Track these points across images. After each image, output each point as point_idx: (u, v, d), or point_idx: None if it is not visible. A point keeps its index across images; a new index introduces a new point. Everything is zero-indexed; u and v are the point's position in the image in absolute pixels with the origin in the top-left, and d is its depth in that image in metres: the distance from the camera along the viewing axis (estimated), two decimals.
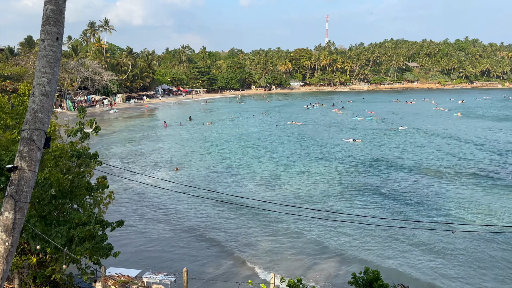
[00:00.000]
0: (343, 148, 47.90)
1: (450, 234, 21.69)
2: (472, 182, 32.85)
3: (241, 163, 40.42)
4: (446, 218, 25.15)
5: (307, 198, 29.35)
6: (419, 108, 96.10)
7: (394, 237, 22.39)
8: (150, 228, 24.49)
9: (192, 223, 25.10)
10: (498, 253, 20.48)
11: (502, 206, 27.11)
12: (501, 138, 53.73)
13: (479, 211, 26.26)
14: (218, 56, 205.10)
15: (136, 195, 30.72)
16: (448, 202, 28.11)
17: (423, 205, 27.65)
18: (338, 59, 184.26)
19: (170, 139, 55.43)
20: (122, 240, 21.55)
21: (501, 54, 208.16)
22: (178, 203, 28.79)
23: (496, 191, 30.43)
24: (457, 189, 30.92)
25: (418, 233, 22.71)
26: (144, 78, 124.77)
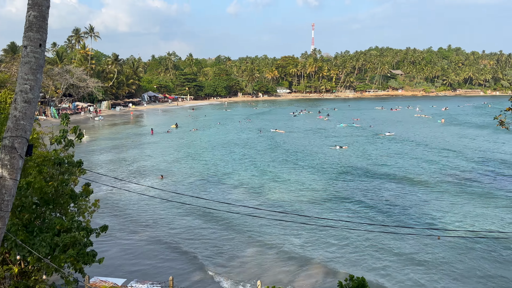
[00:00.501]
0: (329, 156, 48.14)
1: (436, 240, 21.88)
2: (457, 189, 33.27)
3: (226, 171, 40.30)
4: (432, 224, 25.37)
5: (292, 206, 29.36)
6: (404, 115, 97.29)
7: (380, 244, 22.49)
8: (134, 236, 24.21)
9: (177, 231, 24.89)
10: (482, 258, 20.72)
11: (484, 212, 27.48)
12: (483, 145, 54.66)
13: (463, 217, 26.58)
14: (205, 63, 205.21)
15: (120, 202, 30.39)
16: (433, 208, 28.40)
17: (409, 211, 27.89)
18: (324, 66, 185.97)
19: (156, 147, 55.07)
20: (106, 249, 21.26)
21: (483, 62, 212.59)
22: (162, 211, 28.56)
23: (478, 197, 30.85)
24: (442, 196, 31.29)
25: (404, 239, 22.87)
26: (130, 85, 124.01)
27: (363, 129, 72.66)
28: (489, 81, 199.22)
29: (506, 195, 31.20)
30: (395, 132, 65.35)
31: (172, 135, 65.57)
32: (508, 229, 23.95)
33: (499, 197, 30.57)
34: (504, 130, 63.97)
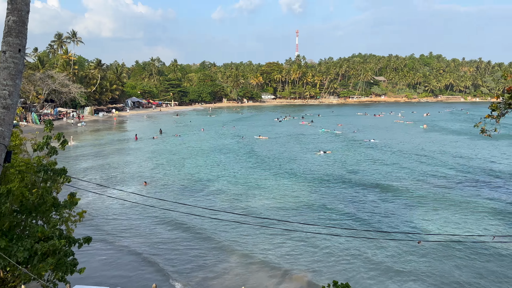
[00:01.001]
0: (313, 161, 48.36)
1: (417, 245, 22.14)
2: (437, 195, 33.73)
3: (209, 178, 40.10)
4: (413, 229, 25.66)
5: (276, 213, 29.36)
6: (387, 121, 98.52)
7: (362, 250, 22.65)
8: (117, 244, 23.89)
9: (159, 239, 24.64)
10: (461, 262, 21.03)
11: (464, 217, 27.91)
12: (462, 152, 55.63)
13: (443, 222, 26.95)
14: (189, 69, 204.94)
15: (103, 209, 29.99)
16: (415, 214, 28.74)
17: (391, 217, 28.16)
18: (308, 73, 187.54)
19: (140, 153, 54.57)
20: (87, 258, 20.95)
21: (463, 69, 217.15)
22: (145, 217, 28.28)
23: (459, 202, 31.34)
24: (423, 201, 31.67)
25: (386, 244, 23.08)
26: (114, 91, 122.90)
27: (346, 134, 73.21)
28: (469, 87, 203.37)
29: (484, 200, 31.76)
30: (379, 138, 66.02)
31: (157, 141, 65.11)
32: (485, 233, 24.34)
33: (478, 203, 31.10)
34: (481, 137, 65.38)
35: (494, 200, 31.36)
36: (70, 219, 12.65)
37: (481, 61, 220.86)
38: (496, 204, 30.39)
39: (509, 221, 26.91)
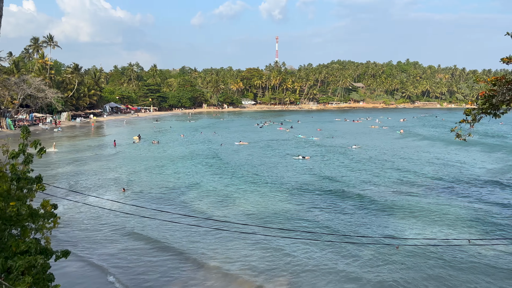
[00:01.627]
0: (291, 166, 48.59)
1: (395, 250, 22.41)
2: (415, 199, 34.28)
3: (188, 184, 39.82)
4: (391, 234, 26.00)
5: (255, 218, 29.35)
6: (365, 127, 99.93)
7: (341, 255, 22.81)
8: (93, 252, 23.44)
9: (138, 246, 24.29)
10: (440, 265, 21.38)
11: (441, 221, 28.44)
12: (438, 156, 56.78)
13: (421, 226, 27.40)
14: (169, 74, 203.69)
15: (79, 217, 29.41)
16: (392, 218, 29.12)
17: (370, 221, 28.45)
18: (288, 79, 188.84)
19: (118, 159, 53.83)
20: (63, 268, 20.49)
21: (439, 76, 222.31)
22: (124, 224, 27.84)
23: (435, 207, 31.91)
24: (401, 206, 32.11)
25: (364, 249, 23.30)
26: (91, 96, 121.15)
27: (324, 140, 73.79)
28: (445, 94, 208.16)
29: (459, 205, 32.45)
30: (357, 145, 66.71)
31: (135, 147, 64.37)
32: (461, 237, 24.82)
33: (453, 208, 31.76)
34: (454, 143, 66.80)
35: (468, 205, 32.07)
36: (45, 226, 12.32)
37: (456, 68, 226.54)
38: (470, 209, 31.08)
39: (482, 225, 27.55)
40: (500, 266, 21.15)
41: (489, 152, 58.54)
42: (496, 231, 26.24)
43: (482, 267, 21.05)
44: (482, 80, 12.92)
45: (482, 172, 44.58)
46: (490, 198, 34.01)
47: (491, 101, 13.04)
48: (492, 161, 51.60)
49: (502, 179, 40.93)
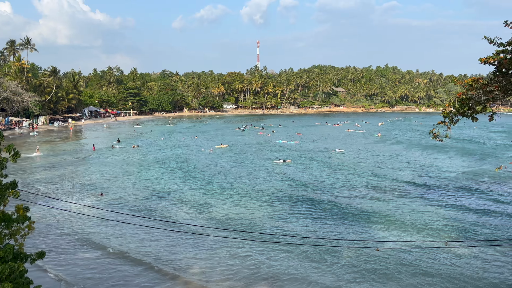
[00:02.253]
0: (273, 170, 48.62)
1: (375, 252, 22.59)
2: (393, 202, 34.76)
3: (168, 189, 39.42)
4: (371, 236, 26.20)
5: (236, 222, 29.23)
6: (343, 130, 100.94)
7: (322, 257, 22.92)
8: (72, 258, 22.91)
9: (117, 251, 23.84)
10: (418, 267, 21.66)
11: (419, 223, 28.85)
12: (416, 159, 57.74)
13: (400, 229, 27.74)
14: (149, 77, 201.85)
15: (56, 223, 28.74)
16: (373, 221, 29.39)
17: (350, 224, 28.65)
18: (269, 83, 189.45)
19: (97, 163, 52.92)
20: (40, 274, 19.97)
21: (417, 80, 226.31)
22: (102, 229, 27.32)
23: (413, 210, 32.38)
24: (380, 209, 32.47)
25: (345, 251, 23.42)
26: (70, 100, 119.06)
27: (305, 144, 74.08)
28: (423, 98, 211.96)
29: (437, 208, 33.10)
30: (341, 148, 67.16)
31: (115, 151, 63.45)
32: (439, 240, 25.18)
33: (431, 210, 32.34)
34: (431, 146, 67.94)
35: (445, 208, 32.68)
36: (19, 231, 11.96)
37: (434, 73, 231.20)
38: (447, 211, 31.67)
39: (459, 227, 28.12)
40: (475, 268, 21.58)
41: (464, 157, 59.69)
42: (471, 233, 26.77)
43: (459, 269, 21.40)
44: (460, 81, 13.14)
45: (457, 176, 45.42)
46: (465, 201, 34.70)
47: (468, 103, 13.25)
48: (467, 165, 52.65)
49: (477, 183, 41.82)
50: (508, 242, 24.74)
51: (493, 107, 14.37)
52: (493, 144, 74.87)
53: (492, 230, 27.29)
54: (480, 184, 41.31)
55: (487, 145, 72.42)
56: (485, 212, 31.22)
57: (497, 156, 59.19)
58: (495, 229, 27.58)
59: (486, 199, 35.30)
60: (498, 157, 58.64)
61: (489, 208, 32.46)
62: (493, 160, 55.49)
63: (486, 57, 11.33)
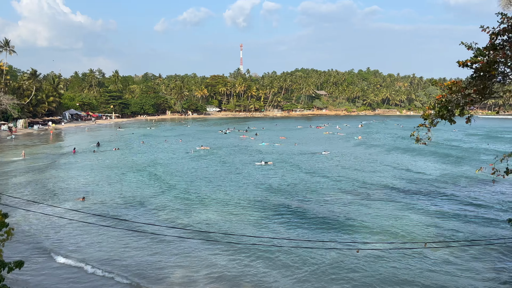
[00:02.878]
0: (254, 172, 48.67)
1: (356, 253, 22.84)
2: (373, 203, 35.15)
3: (150, 192, 39.05)
4: (352, 238, 26.45)
5: (219, 225, 29.17)
6: (321, 133, 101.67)
7: (304, 258, 23.03)
8: (51, 265, 22.46)
9: (95, 257, 23.46)
10: (398, 268, 21.97)
11: (398, 224, 29.23)
12: (395, 161, 58.54)
13: (380, 230, 28.07)
14: (132, 80, 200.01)
15: (35, 228, 28.14)
16: (352, 222, 29.68)
17: (331, 226, 28.88)
18: (253, 86, 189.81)
19: (78, 167, 52.11)
20: (18, 282, 19.50)
21: (398, 84, 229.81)
22: (83, 234, 26.87)
23: (393, 211, 32.83)
24: (360, 210, 32.82)
25: (327, 253, 23.59)
26: (50, 103, 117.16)
27: (287, 146, 74.27)
28: (404, 101, 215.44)
29: (416, 209, 33.64)
30: (318, 150, 67.58)
31: (96, 155, 62.61)
32: (418, 241, 25.53)
33: (410, 212, 32.85)
34: (410, 148, 68.80)
35: (424, 210, 33.22)
36: None
37: (414, 77, 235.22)
38: (426, 213, 32.19)
39: (436, 228, 28.62)
40: (453, 268, 22.03)
41: (442, 159, 60.55)
42: (450, 234, 27.26)
43: (437, 270, 21.76)
44: (440, 83, 13.36)
45: (436, 179, 46.13)
46: (444, 203, 35.32)
47: (447, 106, 13.45)
48: (445, 168, 53.47)
49: (455, 186, 42.58)
50: (484, 241, 25.24)
51: (471, 110, 14.62)
52: (470, 146, 76.39)
53: (469, 231, 27.85)
54: (458, 186, 42.07)
55: (465, 148, 73.78)
56: (463, 214, 31.80)
57: (474, 159, 60.30)
58: (472, 230, 28.15)
59: (464, 201, 35.95)
60: (475, 159, 59.75)
61: (467, 209, 33.07)
62: (472, 163, 56.51)
63: (464, 61, 11.55)
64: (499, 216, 30.80)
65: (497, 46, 11.58)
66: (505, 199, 36.07)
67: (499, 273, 21.46)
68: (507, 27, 10.72)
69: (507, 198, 36.33)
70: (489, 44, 11.04)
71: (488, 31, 10.99)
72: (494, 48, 10.89)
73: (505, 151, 42.48)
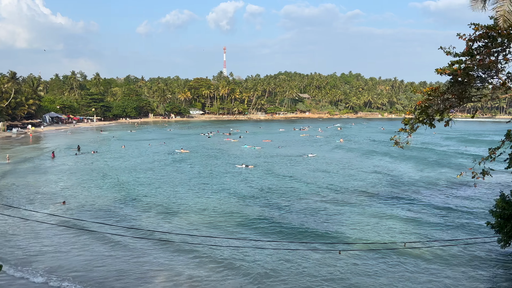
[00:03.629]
0: (235, 175, 48.62)
1: (338, 255, 23.07)
2: (354, 205, 35.50)
3: (131, 196, 38.60)
4: (334, 239, 26.68)
5: (201, 228, 29.03)
6: (307, 136, 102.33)
7: (286, 259, 23.15)
8: (31, 272, 21.99)
9: (76, 265, 23.10)
10: (378, 268, 22.27)
11: (379, 225, 29.62)
12: (376, 164, 59.25)
13: (361, 231, 28.40)
14: (114, 83, 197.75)
15: (12, 234, 27.53)
16: (334, 224, 29.94)
17: (313, 228, 29.03)
18: (236, 89, 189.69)
19: (57, 171, 51.23)
20: None
21: (380, 87, 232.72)
22: (61, 239, 26.40)
23: (373, 212, 33.22)
24: (342, 212, 33.12)
25: (309, 254, 23.75)
26: (30, 105, 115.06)
27: (270, 150, 74.36)
28: (386, 104, 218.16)
29: (395, 210, 34.16)
30: (313, 153, 67.86)
31: (76, 158, 61.66)
32: (397, 241, 25.86)
33: (389, 213, 33.33)
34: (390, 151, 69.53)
35: (403, 211, 33.73)
36: None
37: (396, 80, 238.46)
38: (405, 215, 32.71)
39: (415, 228, 29.12)
40: (431, 267, 22.42)
41: (421, 162, 61.29)
42: (429, 235, 27.76)
43: (416, 270, 22.11)
44: (419, 91, 13.65)
45: (416, 182, 46.75)
46: (423, 205, 35.82)
47: (427, 111, 13.67)
48: (424, 170, 54.21)
49: (434, 188, 43.29)
50: (463, 242, 25.74)
51: (451, 113, 14.93)
52: (448, 149, 77.77)
53: (448, 232, 28.40)
54: (437, 189, 42.77)
55: (443, 151, 74.93)
56: (442, 216, 32.37)
57: (453, 162, 61.29)
58: (451, 231, 28.71)
59: (442, 203, 36.56)
60: (454, 162, 60.74)
61: (446, 211, 33.63)
62: (450, 165, 57.48)
63: (442, 68, 11.82)
64: (477, 218, 31.45)
65: (474, 51, 11.86)
66: (483, 201, 36.81)
67: (477, 272, 21.92)
68: (482, 33, 11.00)
69: (484, 200, 37.07)
70: (466, 50, 11.32)
71: (464, 38, 11.29)
72: (470, 54, 11.17)
73: (482, 154, 43.40)
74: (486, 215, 26.97)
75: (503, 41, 11.09)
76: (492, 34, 10.65)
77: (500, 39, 10.95)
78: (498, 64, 12.40)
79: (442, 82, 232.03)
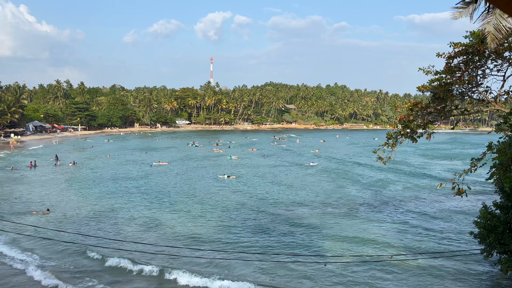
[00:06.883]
0: (217, 186, 48.49)
1: (323, 267, 23.03)
2: (338, 217, 35.60)
3: (113, 207, 38.03)
4: (319, 251, 26.66)
5: (184, 240, 28.74)
6: (290, 146, 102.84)
7: (272, 271, 23.05)
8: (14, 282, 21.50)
9: (59, 273, 22.68)
10: (365, 281, 22.24)
11: (366, 238, 29.70)
12: (360, 174, 59.46)
13: (347, 244, 28.44)
14: (100, 92, 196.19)
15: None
16: (320, 236, 29.94)
17: (298, 240, 28.97)
18: (223, 99, 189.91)
19: (36, 181, 50.38)
20: None
21: (365, 99, 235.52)
22: (42, 252, 25.91)
23: (360, 225, 33.34)
24: (327, 224, 33.16)
25: (295, 267, 23.68)
26: (12, 114, 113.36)
27: (255, 159, 74.31)
28: (371, 116, 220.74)
29: (381, 223, 34.31)
30: (314, 161, 68.03)
31: (56, 169, 60.73)
32: (384, 253, 25.98)
33: (376, 225, 33.46)
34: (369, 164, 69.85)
35: (389, 223, 33.92)
36: None
37: (381, 92, 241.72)
38: (391, 226, 32.89)
39: (402, 241, 29.26)
40: (418, 279, 22.53)
41: (404, 174, 61.71)
42: (415, 247, 27.93)
43: (403, 282, 22.20)
44: (400, 106, 13.80)
45: (399, 193, 47.16)
46: (408, 217, 36.08)
47: (410, 126, 13.85)
48: (408, 182, 54.66)
49: (418, 199, 43.70)
50: (448, 253, 25.95)
51: (434, 125, 15.15)
52: (431, 161, 78.77)
53: (433, 243, 28.62)
54: (421, 200, 43.16)
55: (425, 163, 75.85)
56: (427, 227, 32.64)
57: (435, 174, 61.99)
58: (436, 242, 28.95)
59: (427, 214, 36.89)
60: (436, 174, 61.43)
61: (430, 222, 33.99)
62: (433, 177, 58.19)
63: (423, 86, 12.07)
64: (461, 229, 31.79)
65: (453, 68, 12.12)
66: (466, 212, 37.25)
67: (463, 283, 22.09)
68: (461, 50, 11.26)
69: (468, 211, 37.53)
70: (445, 68, 11.57)
71: (444, 56, 11.56)
72: (450, 71, 11.41)
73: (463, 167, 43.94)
74: (470, 225, 27.31)
75: (480, 58, 11.39)
76: (470, 51, 10.95)
77: (478, 57, 11.25)
78: (478, 77, 12.71)
79: (426, 95, 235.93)
